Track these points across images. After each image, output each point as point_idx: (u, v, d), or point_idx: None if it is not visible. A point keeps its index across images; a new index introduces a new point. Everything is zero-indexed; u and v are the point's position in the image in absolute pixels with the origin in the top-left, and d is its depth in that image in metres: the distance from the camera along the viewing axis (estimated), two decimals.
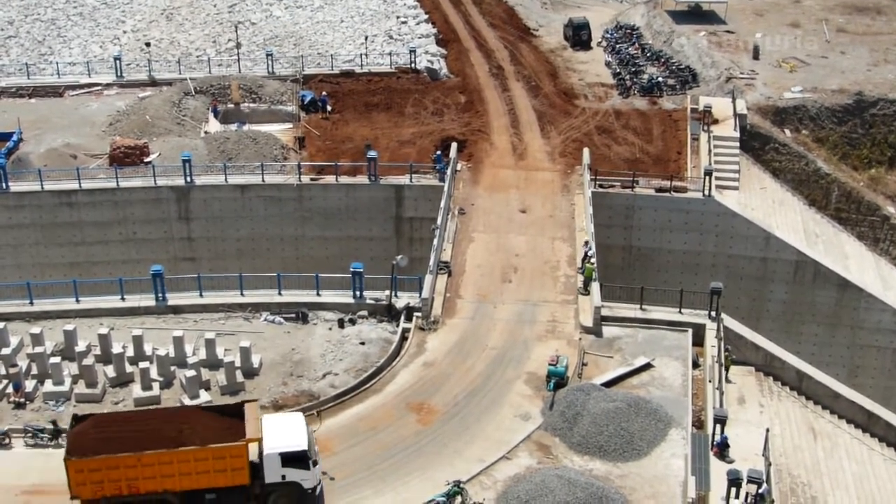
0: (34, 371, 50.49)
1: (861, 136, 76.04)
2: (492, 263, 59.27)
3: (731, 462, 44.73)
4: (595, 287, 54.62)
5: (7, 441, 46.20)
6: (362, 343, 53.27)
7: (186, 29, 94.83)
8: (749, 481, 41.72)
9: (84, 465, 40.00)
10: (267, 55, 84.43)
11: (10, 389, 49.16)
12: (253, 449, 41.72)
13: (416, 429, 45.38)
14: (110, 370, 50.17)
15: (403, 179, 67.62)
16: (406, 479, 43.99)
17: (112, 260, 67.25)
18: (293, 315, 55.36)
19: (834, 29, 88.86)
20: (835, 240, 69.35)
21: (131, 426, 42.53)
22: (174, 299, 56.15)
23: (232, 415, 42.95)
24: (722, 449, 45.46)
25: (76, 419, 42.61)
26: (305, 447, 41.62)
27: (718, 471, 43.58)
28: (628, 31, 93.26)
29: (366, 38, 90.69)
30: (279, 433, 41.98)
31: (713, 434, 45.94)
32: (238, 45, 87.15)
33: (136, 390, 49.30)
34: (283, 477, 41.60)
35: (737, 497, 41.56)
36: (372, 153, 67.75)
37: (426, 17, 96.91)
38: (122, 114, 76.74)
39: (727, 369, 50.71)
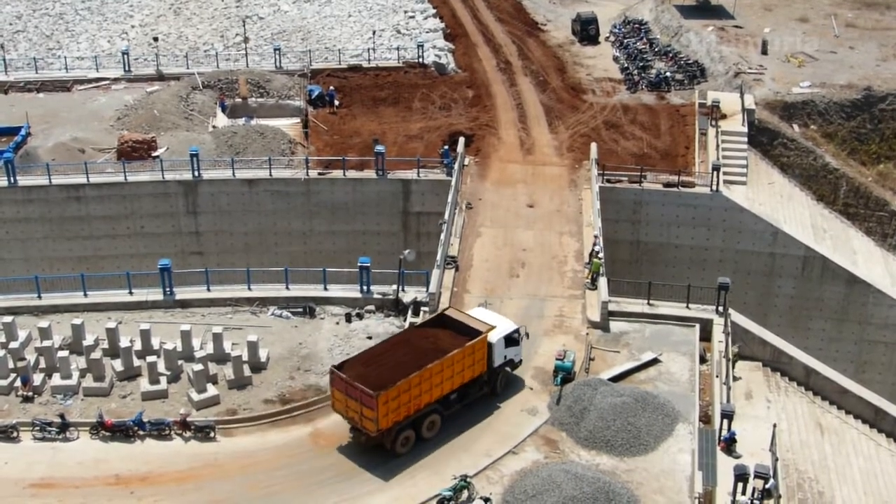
0: (42, 365, 50.64)
1: (869, 132, 75.83)
2: (499, 258, 59.24)
3: (738, 457, 44.76)
4: (602, 282, 54.59)
5: (15, 434, 46.37)
6: (369, 338, 53.20)
7: (194, 23, 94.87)
8: (756, 476, 41.80)
9: (388, 395, 42.79)
10: (275, 50, 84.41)
11: (18, 383, 49.30)
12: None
13: None
14: (118, 364, 50.23)
15: (411, 174, 67.61)
16: (412, 473, 44.03)
17: (120, 254, 67.36)
18: (300, 309, 55.41)
19: (843, 24, 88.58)
20: (843, 235, 69.19)
21: (388, 356, 45.34)
22: (182, 293, 56.18)
23: (436, 325, 47.74)
24: (729, 444, 45.48)
25: (337, 367, 44.36)
26: (517, 325, 47.59)
27: (725, 466, 43.70)
28: (636, 25, 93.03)
29: (373, 32, 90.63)
30: (491, 322, 47.16)
31: (720, 429, 45.95)
32: (246, 40, 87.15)
33: (144, 384, 49.42)
34: (505, 357, 47.13)
35: (744, 492, 41.57)
36: (379, 148, 67.79)
37: (434, 11, 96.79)
38: (130, 108, 76.87)
39: (734, 365, 50.67)
